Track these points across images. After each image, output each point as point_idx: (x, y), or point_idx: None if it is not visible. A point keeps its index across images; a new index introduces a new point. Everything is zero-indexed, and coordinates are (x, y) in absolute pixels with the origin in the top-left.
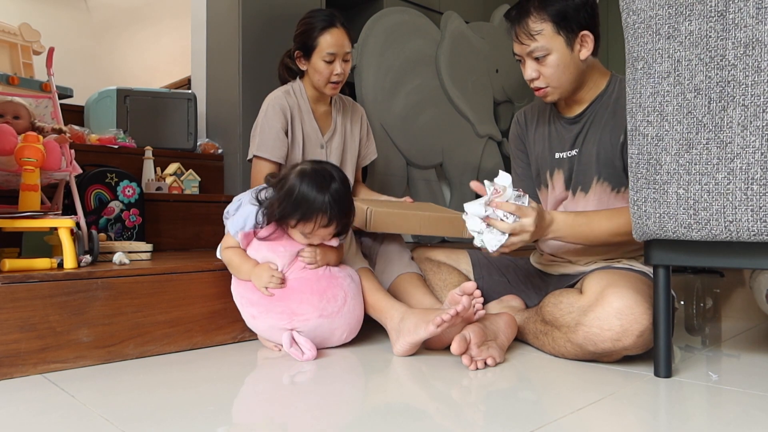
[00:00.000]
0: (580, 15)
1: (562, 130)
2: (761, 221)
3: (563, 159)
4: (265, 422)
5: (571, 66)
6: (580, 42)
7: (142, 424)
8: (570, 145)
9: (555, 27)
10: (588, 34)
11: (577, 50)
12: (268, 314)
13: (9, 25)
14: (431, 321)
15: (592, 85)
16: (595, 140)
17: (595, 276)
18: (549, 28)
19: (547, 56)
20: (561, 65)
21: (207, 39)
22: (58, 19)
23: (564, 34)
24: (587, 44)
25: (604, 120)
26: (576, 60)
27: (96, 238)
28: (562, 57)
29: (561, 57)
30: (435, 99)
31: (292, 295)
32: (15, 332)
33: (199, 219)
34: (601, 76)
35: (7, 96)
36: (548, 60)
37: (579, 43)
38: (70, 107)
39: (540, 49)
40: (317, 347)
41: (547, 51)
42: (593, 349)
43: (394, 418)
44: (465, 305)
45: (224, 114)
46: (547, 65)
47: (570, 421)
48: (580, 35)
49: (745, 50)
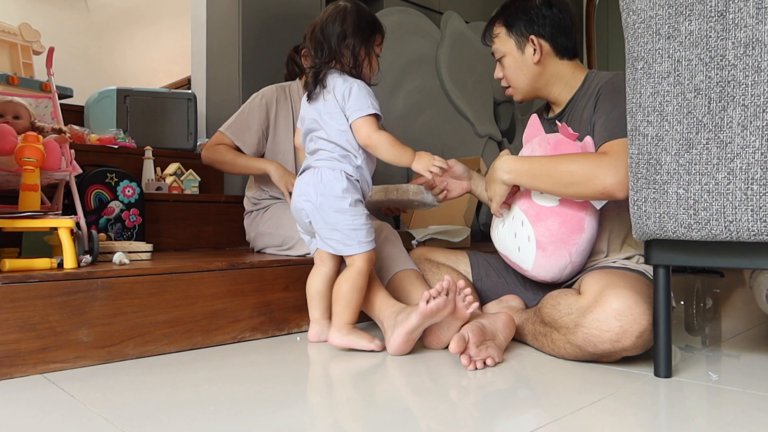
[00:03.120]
0: (529, 21)
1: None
2: (761, 221)
3: None
4: (265, 422)
5: (524, 68)
6: (532, 45)
7: (142, 424)
8: None
9: (507, 31)
10: (537, 39)
11: (529, 53)
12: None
13: (9, 25)
14: (421, 300)
15: (564, 85)
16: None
17: (594, 276)
18: (503, 32)
19: (503, 58)
20: (514, 67)
21: (207, 39)
22: (58, 19)
23: (514, 38)
24: (539, 48)
25: (581, 117)
26: (528, 62)
27: (96, 238)
28: (514, 59)
29: (513, 59)
30: (435, 99)
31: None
32: (15, 332)
33: (199, 219)
34: (575, 76)
35: (7, 96)
36: (504, 62)
37: (531, 47)
38: (70, 107)
39: (497, 51)
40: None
41: (502, 53)
42: (593, 350)
43: (393, 418)
44: (449, 282)
45: (224, 114)
46: (505, 66)
47: (569, 421)
48: (530, 39)
49: (745, 50)
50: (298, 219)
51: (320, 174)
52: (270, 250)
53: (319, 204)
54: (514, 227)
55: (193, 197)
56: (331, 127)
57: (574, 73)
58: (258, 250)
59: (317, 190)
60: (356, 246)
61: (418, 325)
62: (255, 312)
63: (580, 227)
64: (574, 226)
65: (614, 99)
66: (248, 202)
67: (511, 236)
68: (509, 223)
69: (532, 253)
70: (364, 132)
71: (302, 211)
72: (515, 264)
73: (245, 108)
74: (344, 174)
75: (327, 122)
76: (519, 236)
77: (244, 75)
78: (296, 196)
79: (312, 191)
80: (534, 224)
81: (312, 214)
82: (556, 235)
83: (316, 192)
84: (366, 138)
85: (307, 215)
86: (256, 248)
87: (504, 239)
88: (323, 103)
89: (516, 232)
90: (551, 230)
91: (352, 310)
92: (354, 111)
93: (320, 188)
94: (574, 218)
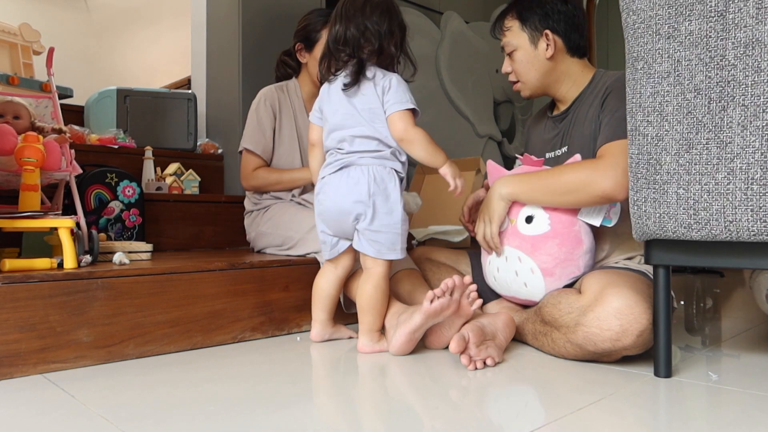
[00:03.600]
0: (544, 15)
1: (551, 130)
2: (761, 221)
3: (552, 159)
4: (265, 422)
5: (536, 63)
6: (546, 40)
7: (142, 424)
8: (559, 143)
9: (520, 24)
10: (551, 34)
11: (542, 48)
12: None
13: (9, 25)
14: (425, 299)
15: (572, 83)
16: (579, 135)
17: (594, 276)
18: (516, 25)
19: (514, 52)
20: (525, 61)
21: (207, 39)
22: (58, 19)
23: (528, 32)
24: (552, 43)
25: (586, 115)
26: (540, 57)
27: (96, 238)
28: (527, 53)
29: (525, 53)
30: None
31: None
32: (15, 332)
33: (199, 219)
34: (583, 74)
35: (7, 96)
36: (516, 55)
37: (544, 42)
38: (70, 107)
39: (508, 44)
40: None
41: (514, 47)
42: (593, 349)
43: (393, 418)
44: (456, 281)
45: (224, 114)
46: (515, 60)
47: (570, 421)
48: (544, 33)
49: (745, 50)
50: (337, 219)
51: (372, 172)
52: (270, 250)
53: (372, 204)
54: (513, 266)
55: (193, 197)
56: (375, 122)
57: (582, 72)
58: (258, 250)
59: (371, 190)
60: (399, 251)
61: (422, 325)
62: (255, 312)
63: (579, 240)
64: (573, 242)
65: (623, 97)
66: (249, 202)
67: (512, 276)
68: (504, 265)
69: (541, 282)
70: (401, 126)
71: (347, 212)
72: (526, 300)
73: (253, 116)
74: (395, 172)
75: (369, 117)
76: (521, 273)
77: (244, 75)
78: (334, 196)
79: (365, 191)
80: (533, 255)
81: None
82: (558, 256)
83: (369, 192)
84: (403, 132)
85: (357, 216)
86: (256, 248)
87: (506, 282)
88: (361, 97)
89: (516, 270)
90: (552, 254)
91: (382, 316)
92: (393, 104)
93: (374, 188)
94: (569, 234)
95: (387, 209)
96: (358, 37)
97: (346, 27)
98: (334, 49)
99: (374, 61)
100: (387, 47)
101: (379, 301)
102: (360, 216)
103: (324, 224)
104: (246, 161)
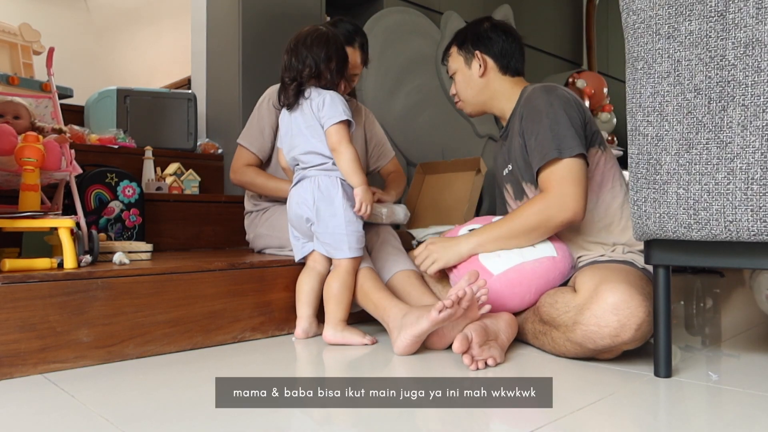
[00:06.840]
0: (476, 39)
1: (501, 148)
2: (761, 221)
3: (504, 175)
4: (265, 422)
5: (470, 82)
6: (478, 60)
7: (142, 424)
8: (507, 160)
9: (458, 49)
10: (481, 54)
11: (475, 68)
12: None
13: (9, 25)
14: (433, 308)
15: (506, 100)
16: (515, 149)
17: (587, 272)
18: (454, 51)
19: (455, 74)
20: (462, 81)
21: (207, 39)
22: (58, 19)
23: (463, 54)
24: (483, 63)
25: (515, 129)
26: (474, 76)
27: (96, 238)
28: (463, 74)
29: (462, 74)
30: (435, 99)
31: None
32: (15, 332)
33: (199, 219)
34: (514, 91)
35: (7, 96)
36: (456, 77)
37: (477, 62)
38: (70, 107)
39: (450, 68)
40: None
41: (453, 70)
42: (593, 346)
43: (394, 418)
44: (467, 291)
45: (224, 114)
46: (456, 82)
47: (570, 421)
48: (475, 54)
49: (745, 50)
50: (297, 225)
51: (317, 182)
52: (269, 250)
53: (316, 210)
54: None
55: (193, 197)
56: (314, 137)
57: (513, 89)
58: (258, 251)
59: (315, 197)
60: (347, 250)
61: (428, 330)
62: (255, 312)
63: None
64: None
65: (534, 118)
66: (249, 203)
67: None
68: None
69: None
70: (336, 138)
71: (302, 217)
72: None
73: (255, 114)
74: (339, 180)
75: (309, 134)
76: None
77: (244, 75)
78: (295, 204)
79: (310, 198)
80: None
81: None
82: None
83: (314, 199)
84: (336, 143)
85: (308, 220)
86: (255, 248)
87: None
88: (303, 116)
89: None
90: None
91: (344, 307)
92: (328, 118)
93: (318, 195)
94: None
95: (330, 213)
96: (298, 65)
97: (290, 58)
98: (282, 78)
99: (313, 83)
100: (324, 70)
101: (342, 294)
102: (309, 220)
103: (294, 229)
104: (238, 155)
